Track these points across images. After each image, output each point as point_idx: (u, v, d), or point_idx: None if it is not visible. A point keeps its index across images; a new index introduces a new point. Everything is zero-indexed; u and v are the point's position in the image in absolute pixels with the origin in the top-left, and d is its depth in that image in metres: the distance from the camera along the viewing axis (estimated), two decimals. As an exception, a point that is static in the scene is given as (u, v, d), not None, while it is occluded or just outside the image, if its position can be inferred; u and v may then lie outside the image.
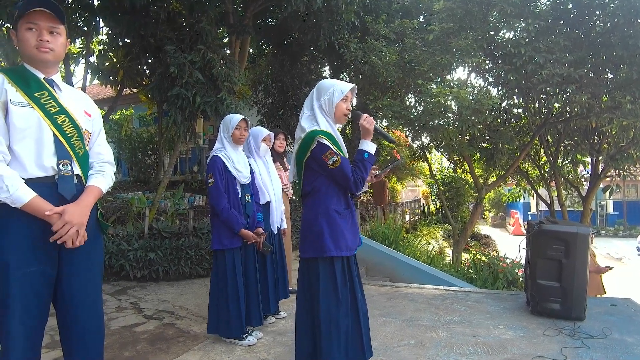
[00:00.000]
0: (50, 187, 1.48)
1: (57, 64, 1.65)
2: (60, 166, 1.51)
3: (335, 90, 2.02)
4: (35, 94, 1.51)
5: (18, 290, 1.41)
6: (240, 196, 2.85)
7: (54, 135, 1.50)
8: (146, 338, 2.92)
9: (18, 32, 1.52)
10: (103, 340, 1.65)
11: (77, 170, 1.57)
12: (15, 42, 1.55)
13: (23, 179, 1.44)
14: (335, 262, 1.96)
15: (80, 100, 1.68)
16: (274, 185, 3.34)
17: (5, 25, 5.80)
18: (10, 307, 1.40)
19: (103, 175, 1.67)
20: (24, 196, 1.40)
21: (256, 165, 3.19)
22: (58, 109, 1.54)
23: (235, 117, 2.88)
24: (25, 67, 1.57)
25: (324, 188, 2.00)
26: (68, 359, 1.58)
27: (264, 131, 3.34)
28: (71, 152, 1.54)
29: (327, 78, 9.50)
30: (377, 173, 2.19)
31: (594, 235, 4.92)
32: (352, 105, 2.14)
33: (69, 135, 1.54)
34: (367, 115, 2.04)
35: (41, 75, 1.57)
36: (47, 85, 1.56)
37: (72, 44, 7.23)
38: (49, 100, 1.53)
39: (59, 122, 1.52)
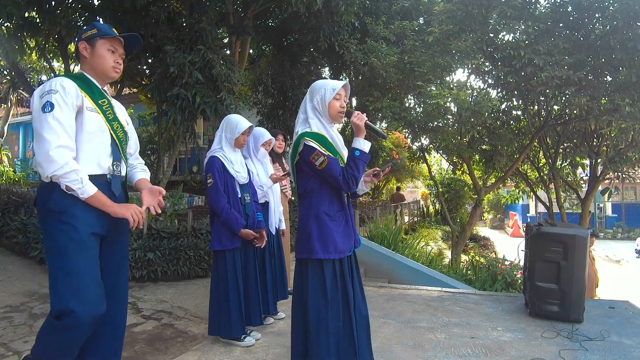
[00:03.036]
0: (104, 184, 1.69)
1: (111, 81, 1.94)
2: (114, 167, 1.75)
3: (327, 89, 2.01)
4: (99, 101, 1.73)
5: (90, 265, 1.61)
6: (239, 196, 2.84)
7: (112, 139, 1.74)
8: (144, 338, 2.92)
9: (97, 49, 1.75)
10: (125, 328, 1.84)
11: (124, 171, 1.82)
12: (85, 53, 1.76)
13: None
14: (324, 265, 1.95)
15: (122, 110, 1.91)
16: (272, 186, 3.34)
17: (5, 24, 5.80)
18: (86, 276, 1.57)
19: (146, 173, 1.97)
20: (90, 189, 1.60)
21: (254, 166, 3.19)
22: (113, 116, 1.77)
23: (243, 123, 2.84)
24: (86, 75, 1.77)
25: (316, 190, 1.99)
26: (91, 343, 1.67)
27: (265, 135, 3.30)
28: (122, 155, 1.79)
29: (326, 78, 9.49)
30: (378, 171, 2.17)
31: (594, 238, 4.93)
32: (350, 106, 2.13)
33: (121, 139, 1.79)
34: (358, 112, 2.02)
35: (98, 85, 1.80)
36: (106, 94, 1.80)
37: (73, 43, 7.24)
38: (108, 108, 1.76)
39: (114, 127, 1.76)
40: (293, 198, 5.29)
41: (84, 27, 1.83)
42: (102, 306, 1.60)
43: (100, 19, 6.01)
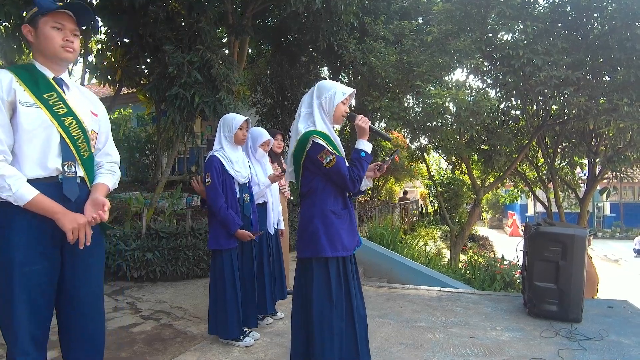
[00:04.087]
0: (53, 188, 1.50)
1: (68, 64, 1.66)
2: (65, 168, 1.52)
3: (337, 91, 2.04)
4: (44, 95, 1.52)
5: (23, 287, 1.43)
6: (238, 196, 2.83)
7: (61, 136, 1.52)
8: (143, 339, 2.91)
9: (40, 29, 1.53)
10: (104, 336, 1.69)
11: (81, 172, 1.58)
12: (30, 37, 1.55)
13: (27, 178, 1.45)
14: (329, 263, 1.95)
15: (88, 100, 1.69)
16: (271, 185, 3.33)
17: (3, 24, 5.78)
18: (16, 305, 1.42)
19: (113, 175, 1.71)
20: (26, 194, 1.41)
21: (253, 166, 3.18)
22: (66, 110, 1.55)
23: (238, 118, 2.85)
24: (34, 65, 1.57)
25: (320, 188, 2.00)
26: (69, 354, 1.59)
27: (263, 135, 3.29)
28: (76, 154, 1.55)
29: (325, 79, 9.52)
30: (381, 165, 2.18)
31: (592, 237, 4.94)
32: (349, 106, 2.15)
33: (75, 137, 1.55)
34: (362, 115, 2.05)
35: (50, 75, 1.58)
36: (56, 86, 1.57)
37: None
38: (57, 102, 1.54)
39: (66, 124, 1.53)
40: (292, 198, 5.29)
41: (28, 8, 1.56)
42: (32, 325, 1.45)
43: (99, 18, 6.00)
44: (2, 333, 1.46)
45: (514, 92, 8.05)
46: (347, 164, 2.02)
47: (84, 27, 1.66)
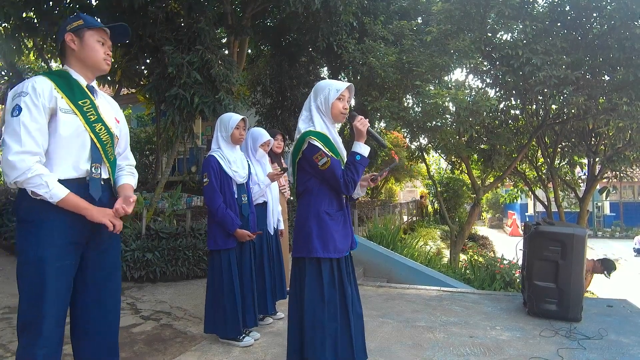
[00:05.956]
0: (82, 188, 1.61)
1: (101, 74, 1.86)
2: (93, 169, 1.64)
3: (331, 90, 2.03)
4: (79, 102, 1.64)
5: (54, 282, 1.53)
6: (236, 196, 2.84)
7: (92, 141, 1.64)
8: (143, 339, 2.92)
9: (86, 41, 1.68)
10: (116, 345, 1.76)
11: (106, 174, 1.71)
12: (73, 45, 1.68)
13: (59, 179, 1.55)
14: (322, 264, 1.95)
15: (112, 108, 1.83)
16: (270, 185, 3.34)
17: (3, 25, 5.79)
18: (47, 298, 1.51)
19: (134, 177, 1.87)
20: (59, 193, 1.52)
21: (253, 166, 3.19)
22: (96, 117, 1.67)
23: (234, 117, 2.86)
24: (69, 72, 1.68)
25: (316, 189, 2.00)
26: (84, 351, 1.66)
27: (263, 136, 3.29)
28: (104, 158, 1.68)
29: (325, 79, 9.53)
30: (375, 176, 2.18)
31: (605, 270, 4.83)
32: (350, 106, 2.13)
33: (104, 142, 1.68)
34: (361, 117, 2.04)
35: (84, 82, 1.70)
36: (89, 93, 1.69)
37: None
38: (90, 109, 1.66)
39: (96, 129, 1.66)
40: (292, 198, 5.29)
41: (69, 18, 1.74)
42: (59, 319, 1.55)
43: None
44: (22, 326, 1.51)
45: (514, 91, 8.06)
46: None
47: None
